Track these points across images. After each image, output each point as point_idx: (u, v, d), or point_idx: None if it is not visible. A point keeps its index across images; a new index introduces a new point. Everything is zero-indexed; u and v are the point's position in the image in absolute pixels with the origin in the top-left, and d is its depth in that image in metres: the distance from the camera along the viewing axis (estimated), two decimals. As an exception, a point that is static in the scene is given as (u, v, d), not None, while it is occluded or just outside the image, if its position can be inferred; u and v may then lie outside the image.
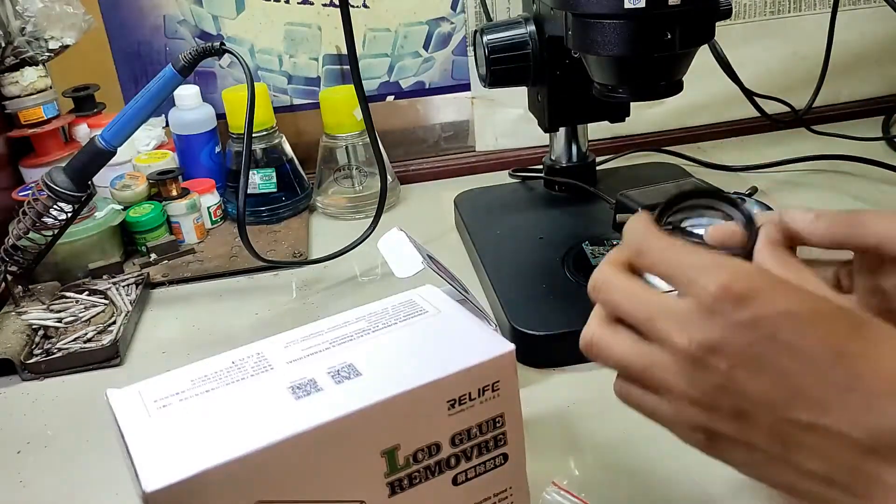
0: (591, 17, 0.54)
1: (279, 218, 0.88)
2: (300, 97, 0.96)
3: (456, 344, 0.38)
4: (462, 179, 0.96)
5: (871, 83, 1.02)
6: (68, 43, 0.82)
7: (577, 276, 0.66)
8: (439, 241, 0.82)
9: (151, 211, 0.81)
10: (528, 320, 0.61)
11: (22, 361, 0.65)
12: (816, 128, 0.93)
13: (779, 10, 0.97)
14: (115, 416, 0.36)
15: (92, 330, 0.68)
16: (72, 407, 0.62)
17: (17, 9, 0.79)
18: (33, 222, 0.67)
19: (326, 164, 0.89)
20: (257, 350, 0.39)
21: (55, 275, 0.76)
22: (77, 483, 0.54)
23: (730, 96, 0.86)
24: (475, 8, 0.93)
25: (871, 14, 0.97)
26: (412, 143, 1.00)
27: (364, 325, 0.40)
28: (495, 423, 0.38)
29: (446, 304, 0.42)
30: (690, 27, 0.53)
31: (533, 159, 0.95)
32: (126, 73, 0.93)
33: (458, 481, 0.38)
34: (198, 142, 0.89)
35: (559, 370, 0.60)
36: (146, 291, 0.76)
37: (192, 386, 0.37)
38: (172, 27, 0.91)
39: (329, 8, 0.92)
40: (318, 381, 0.36)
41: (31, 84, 0.82)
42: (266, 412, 0.35)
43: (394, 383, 0.35)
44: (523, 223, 0.77)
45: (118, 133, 0.66)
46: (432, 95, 0.98)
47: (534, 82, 0.71)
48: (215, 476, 0.32)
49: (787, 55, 0.98)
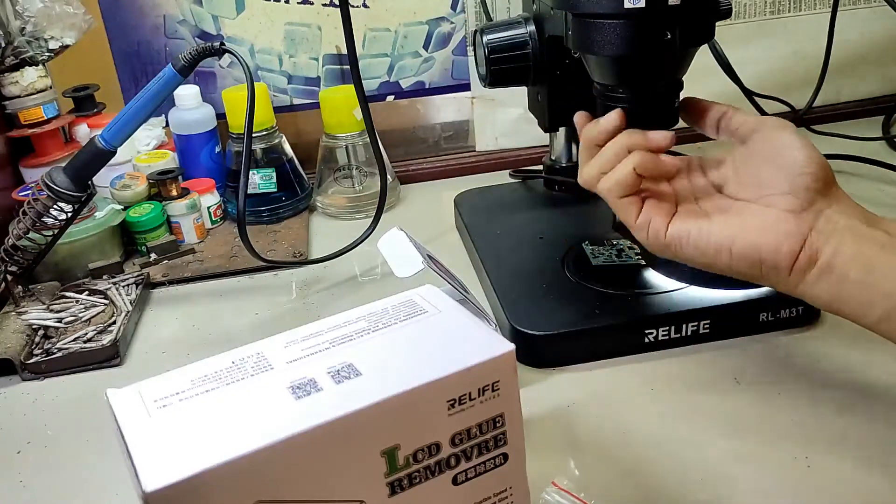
0: (591, 17, 0.54)
1: (279, 218, 0.88)
2: (300, 97, 0.96)
3: (456, 344, 0.38)
4: (462, 179, 0.96)
5: (870, 83, 1.02)
6: (68, 43, 0.82)
7: (577, 276, 0.66)
8: (439, 241, 0.82)
9: (151, 211, 0.81)
10: (528, 320, 0.61)
11: (22, 361, 0.65)
12: (816, 127, 0.93)
13: (779, 10, 0.97)
14: (115, 416, 0.35)
15: (92, 330, 0.68)
16: (72, 407, 0.62)
17: (17, 9, 0.79)
18: (33, 222, 0.67)
19: (326, 164, 0.89)
20: (257, 350, 0.39)
21: (55, 275, 0.76)
22: (77, 483, 0.54)
23: (730, 96, 0.86)
24: (475, 8, 0.93)
25: (871, 14, 0.98)
26: (412, 143, 1.00)
27: (364, 325, 0.40)
28: (495, 423, 0.38)
29: (446, 304, 0.42)
30: (690, 27, 0.53)
31: (533, 159, 0.95)
32: (126, 73, 0.93)
33: (458, 481, 0.38)
34: (198, 142, 0.89)
35: (559, 370, 0.60)
36: (146, 291, 0.76)
37: (192, 386, 0.37)
38: (172, 27, 0.91)
39: (329, 8, 0.92)
40: (318, 381, 0.36)
41: (31, 84, 0.82)
42: (266, 412, 0.35)
43: (394, 383, 0.35)
44: (523, 223, 0.77)
45: (118, 133, 0.66)
46: (432, 95, 0.98)
47: (534, 82, 0.71)
48: (215, 476, 0.32)
49: (787, 55, 0.98)
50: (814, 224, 0.49)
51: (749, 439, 0.52)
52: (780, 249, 0.48)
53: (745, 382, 0.57)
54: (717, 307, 0.61)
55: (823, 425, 0.53)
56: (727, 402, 0.56)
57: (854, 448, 0.50)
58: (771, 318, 0.62)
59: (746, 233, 0.49)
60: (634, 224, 0.53)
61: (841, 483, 0.48)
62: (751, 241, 0.49)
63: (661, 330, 0.61)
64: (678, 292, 0.63)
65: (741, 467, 0.50)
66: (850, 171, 0.86)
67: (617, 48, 0.53)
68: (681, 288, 0.63)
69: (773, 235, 0.49)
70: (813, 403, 0.54)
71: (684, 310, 0.61)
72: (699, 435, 0.53)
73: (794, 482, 0.48)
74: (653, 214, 0.52)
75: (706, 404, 0.56)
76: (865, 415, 0.53)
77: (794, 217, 0.49)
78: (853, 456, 0.50)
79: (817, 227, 0.49)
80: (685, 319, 0.61)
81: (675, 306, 0.61)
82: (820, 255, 0.48)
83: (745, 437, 0.52)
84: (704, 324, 0.61)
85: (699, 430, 0.53)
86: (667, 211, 0.52)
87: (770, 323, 0.62)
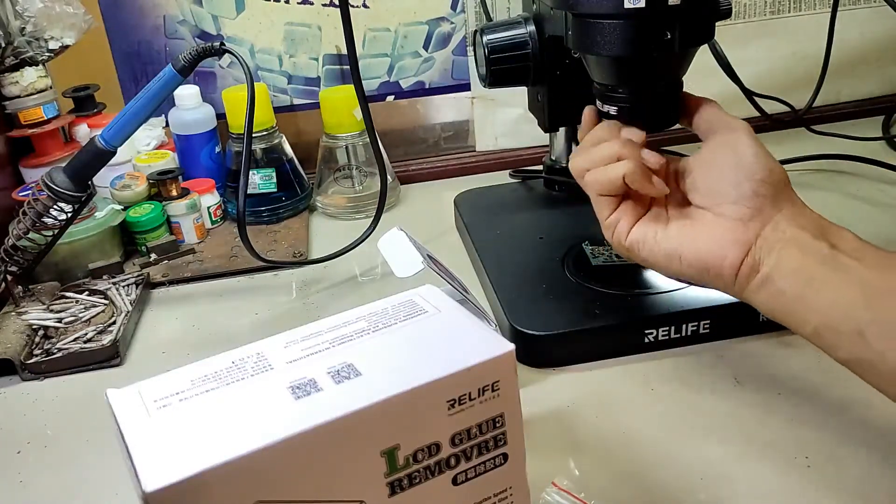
0: (591, 17, 0.54)
1: (279, 218, 0.88)
2: (300, 97, 0.96)
3: (456, 344, 0.38)
4: (462, 179, 0.96)
5: (870, 83, 1.02)
6: (68, 43, 0.82)
7: (577, 276, 0.66)
8: (439, 241, 0.82)
9: (151, 211, 0.81)
10: (528, 320, 0.61)
11: (22, 361, 0.65)
12: (816, 127, 0.93)
13: (779, 10, 0.97)
14: (114, 416, 0.35)
15: (92, 330, 0.68)
16: (72, 407, 0.62)
17: (17, 9, 0.79)
18: (33, 222, 0.67)
19: (326, 164, 0.89)
20: (257, 350, 0.39)
21: (55, 275, 0.76)
22: (77, 483, 0.54)
23: (730, 96, 0.85)
24: (475, 8, 0.93)
25: (871, 14, 0.98)
26: (412, 143, 1.00)
27: (364, 325, 0.40)
28: (495, 423, 0.38)
29: (446, 304, 0.42)
30: (690, 27, 0.53)
31: (533, 159, 0.95)
32: (126, 73, 0.93)
33: (458, 481, 0.38)
34: (198, 142, 0.89)
35: (559, 370, 0.60)
36: (146, 291, 0.76)
37: (192, 386, 0.37)
38: (172, 27, 0.91)
39: (329, 8, 0.92)
40: (318, 381, 0.36)
41: (31, 84, 0.82)
42: (266, 412, 0.35)
43: (394, 383, 0.35)
44: (523, 223, 0.77)
45: (118, 133, 0.66)
46: (432, 95, 0.98)
47: (534, 82, 0.71)
48: (215, 476, 0.32)
49: (787, 55, 0.98)
50: (760, 232, 0.49)
51: (749, 439, 0.52)
52: (726, 258, 0.49)
53: (744, 382, 0.57)
54: (717, 307, 0.61)
55: (823, 425, 0.53)
56: (727, 402, 0.56)
57: (854, 448, 0.50)
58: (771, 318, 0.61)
59: (695, 241, 0.51)
60: (604, 221, 0.55)
61: (841, 483, 0.48)
62: (698, 249, 0.50)
63: (660, 330, 0.61)
64: (678, 292, 0.63)
65: (741, 467, 0.50)
66: (850, 171, 0.86)
67: (617, 48, 0.54)
68: (681, 288, 0.63)
69: (719, 245, 0.50)
70: (813, 403, 0.54)
71: (684, 310, 0.61)
72: (699, 435, 0.53)
73: (794, 482, 0.48)
74: (622, 216, 0.54)
75: (706, 404, 0.56)
76: (865, 414, 0.53)
77: (742, 225, 0.50)
78: (853, 456, 0.50)
79: (763, 235, 0.49)
80: (685, 319, 0.61)
81: (674, 306, 0.61)
82: (762, 266, 0.49)
83: (745, 437, 0.52)
84: (704, 324, 0.61)
85: (699, 430, 0.53)
86: (636, 214, 0.54)
87: (770, 323, 0.61)
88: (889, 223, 0.77)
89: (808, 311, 0.47)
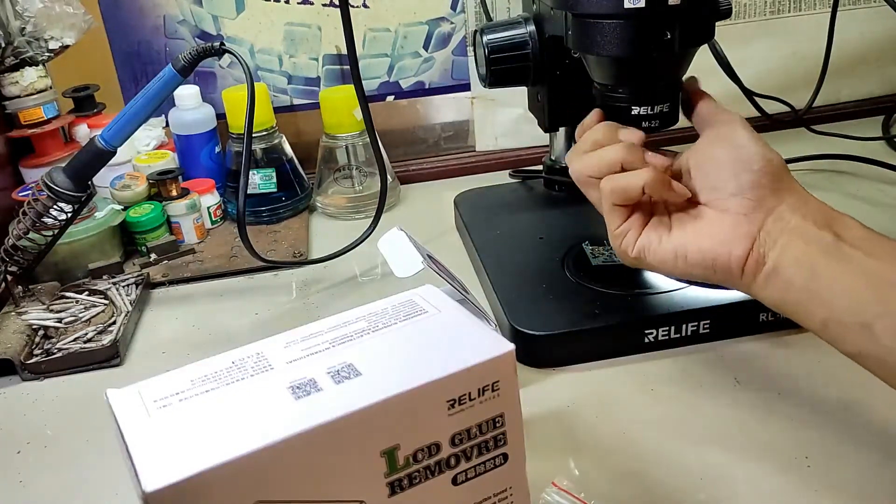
0: (591, 17, 0.54)
1: (279, 218, 0.88)
2: (300, 97, 0.96)
3: (456, 344, 0.38)
4: (462, 179, 0.96)
5: (870, 83, 1.02)
6: (68, 43, 0.82)
7: (577, 276, 0.66)
8: (439, 241, 0.82)
9: (151, 211, 0.81)
10: (528, 320, 0.61)
11: (22, 361, 0.65)
12: (816, 127, 0.93)
13: (779, 10, 0.97)
14: (114, 416, 0.35)
15: (92, 330, 0.68)
16: (72, 407, 0.62)
17: (17, 9, 0.79)
18: (33, 222, 0.67)
19: (326, 164, 0.89)
20: (257, 350, 0.39)
21: (55, 275, 0.76)
22: (77, 483, 0.54)
23: (730, 96, 0.86)
24: (475, 8, 0.93)
25: (871, 14, 0.98)
26: (412, 143, 1.00)
27: (364, 325, 0.40)
28: (495, 423, 0.38)
29: (446, 304, 0.42)
30: (690, 27, 0.53)
31: (533, 159, 0.95)
32: (126, 73, 0.93)
33: (458, 481, 0.38)
34: (198, 142, 0.89)
35: (559, 370, 0.60)
36: (146, 291, 0.76)
37: (192, 386, 0.37)
38: (172, 27, 0.91)
39: (329, 8, 0.92)
40: (317, 381, 0.36)
41: (31, 84, 0.82)
42: (266, 412, 0.35)
43: (394, 383, 0.35)
44: (523, 223, 0.77)
45: (118, 133, 0.66)
46: (432, 95, 0.98)
47: (534, 82, 0.71)
48: (215, 476, 0.32)
49: (787, 55, 0.98)
50: (763, 224, 0.49)
51: (749, 439, 0.52)
52: (731, 253, 0.49)
53: (744, 382, 0.57)
54: (717, 307, 0.61)
55: (823, 425, 0.52)
56: (727, 403, 0.56)
57: (854, 448, 0.50)
58: (771, 318, 0.62)
59: (699, 239, 0.50)
60: (615, 231, 0.54)
61: (841, 483, 0.48)
62: (702, 246, 0.50)
63: (660, 330, 0.61)
64: (678, 292, 0.63)
65: (741, 467, 0.50)
66: (850, 171, 0.86)
67: (617, 48, 0.54)
68: (681, 288, 0.63)
69: (723, 240, 0.49)
70: (813, 403, 0.54)
71: (684, 310, 0.61)
72: (699, 435, 0.53)
73: (794, 482, 0.48)
74: (632, 227, 0.53)
75: (706, 404, 0.56)
76: (865, 415, 0.53)
77: (744, 218, 0.49)
78: (853, 456, 0.50)
79: (766, 227, 0.48)
80: (685, 319, 0.61)
81: (674, 306, 0.61)
82: (767, 259, 0.48)
83: (745, 437, 0.52)
84: (704, 324, 0.61)
85: (699, 430, 0.53)
86: (642, 222, 0.53)
87: (770, 323, 0.62)
88: (889, 223, 0.77)
89: (813, 303, 0.46)
